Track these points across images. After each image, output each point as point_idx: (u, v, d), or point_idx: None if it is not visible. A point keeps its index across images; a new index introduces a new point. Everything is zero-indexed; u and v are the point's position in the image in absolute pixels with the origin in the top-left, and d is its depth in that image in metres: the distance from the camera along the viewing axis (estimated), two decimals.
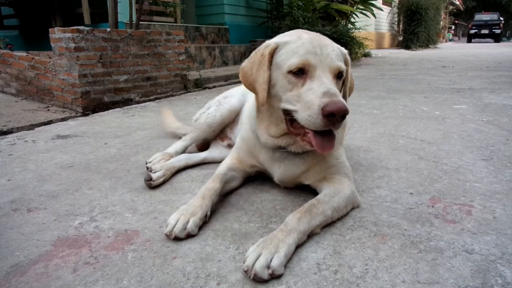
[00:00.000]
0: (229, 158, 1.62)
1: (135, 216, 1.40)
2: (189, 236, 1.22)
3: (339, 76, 1.28)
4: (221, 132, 2.02)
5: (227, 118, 1.95)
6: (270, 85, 1.30)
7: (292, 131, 1.31)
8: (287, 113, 1.28)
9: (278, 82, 1.28)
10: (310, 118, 1.15)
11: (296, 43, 1.26)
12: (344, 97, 1.41)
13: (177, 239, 1.21)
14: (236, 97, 1.94)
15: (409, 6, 15.87)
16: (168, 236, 1.22)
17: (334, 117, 1.11)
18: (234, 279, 1.02)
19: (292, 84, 1.23)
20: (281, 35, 1.37)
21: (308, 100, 1.16)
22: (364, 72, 6.61)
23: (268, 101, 1.34)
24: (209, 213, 1.32)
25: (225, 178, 1.50)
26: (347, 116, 1.15)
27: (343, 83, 1.38)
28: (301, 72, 1.22)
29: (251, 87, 1.36)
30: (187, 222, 1.23)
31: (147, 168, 1.74)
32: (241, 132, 1.64)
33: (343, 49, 1.37)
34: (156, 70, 4.03)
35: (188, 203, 1.33)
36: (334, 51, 1.27)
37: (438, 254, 1.10)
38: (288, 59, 1.24)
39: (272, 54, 1.30)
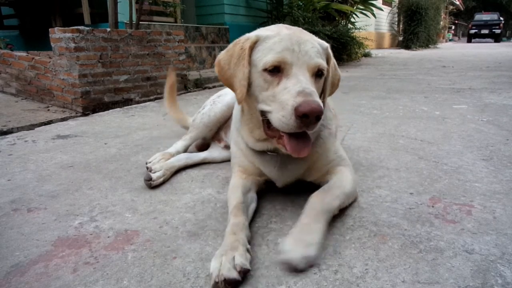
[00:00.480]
0: (233, 178, 1.45)
1: (135, 216, 1.40)
2: (245, 272, 1.00)
3: (319, 74, 1.21)
4: (216, 133, 2.02)
5: (222, 117, 1.94)
6: (248, 82, 1.22)
7: (268, 134, 1.25)
8: (264, 114, 1.21)
9: (255, 81, 1.21)
10: (283, 119, 1.09)
11: (273, 39, 1.19)
12: (324, 95, 1.32)
13: (228, 281, 0.96)
14: (230, 94, 1.92)
15: (409, 6, 15.87)
16: (217, 283, 0.96)
17: (307, 118, 1.06)
18: None
19: (268, 83, 1.17)
20: (262, 28, 1.30)
21: (283, 100, 1.11)
22: (364, 72, 6.61)
23: (248, 102, 1.27)
24: (249, 247, 1.10)
25: (246, 205, 1.31)
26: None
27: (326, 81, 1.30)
28: (277, 70, 1.16)
29: (228, 83, 1.27)
30: (233, 259, 1.01)
31: (147, 168, 1.74)
32: (232, 139, 1.55)
33: (324, 43, 1.29)
34: (156, 70, 4.03)
35: (222, 244, 1.11)
36: (314, 48, 1.20)
37: (438, 254, 1.10)
38: (264, 56, 1.18)
39: (252, 48, 1.22)
